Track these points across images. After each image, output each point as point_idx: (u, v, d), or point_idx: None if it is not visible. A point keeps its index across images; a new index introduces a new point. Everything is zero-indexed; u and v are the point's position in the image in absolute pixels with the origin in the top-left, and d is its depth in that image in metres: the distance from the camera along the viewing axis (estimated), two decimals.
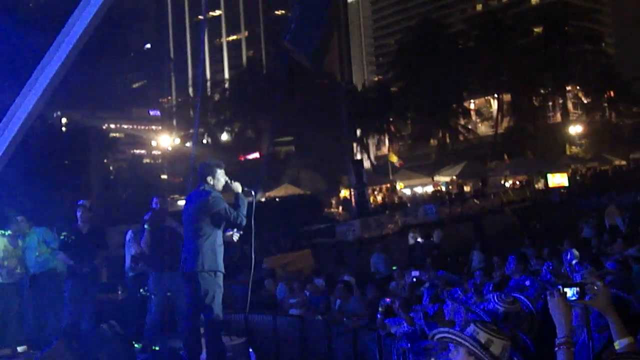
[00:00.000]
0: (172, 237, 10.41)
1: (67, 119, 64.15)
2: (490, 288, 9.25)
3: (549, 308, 4.00)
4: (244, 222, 8.32)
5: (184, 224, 8.65)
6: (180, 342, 10.83)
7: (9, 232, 12.15)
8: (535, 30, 70.84)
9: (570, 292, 4.04)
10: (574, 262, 8.10)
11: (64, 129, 62.82)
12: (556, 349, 3.85)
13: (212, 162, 8.64)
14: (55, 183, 35.45)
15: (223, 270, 8.29)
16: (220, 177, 8.41)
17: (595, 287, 4.10)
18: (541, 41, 67.39)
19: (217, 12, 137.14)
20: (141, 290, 12.33)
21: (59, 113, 60.74)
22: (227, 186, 8.46)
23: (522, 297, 5.32)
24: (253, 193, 8.62)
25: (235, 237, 8.61)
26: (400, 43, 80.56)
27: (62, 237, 11.66)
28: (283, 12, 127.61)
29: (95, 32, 6.98)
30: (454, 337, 3.96)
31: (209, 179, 8.35)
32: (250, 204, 8.44)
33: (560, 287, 4.05)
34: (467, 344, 3.80)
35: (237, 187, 8.44)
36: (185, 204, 8.83)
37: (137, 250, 12.22)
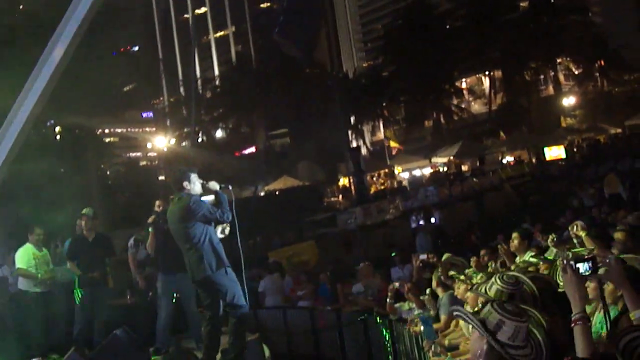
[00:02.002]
0: None
1: (61, 127, 63.94)
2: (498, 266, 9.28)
3: (563, 284, 3.99)
4: (230, 217, 8.37)
5: (173, 236, 8.71)
6: (193, 342, 10.89)
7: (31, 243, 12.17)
8: (522, 4, 70.68)
9: (582, 267, 4.03)
10: (581, 233, 8.07)
11: (58, 137, 62.61)
12: (572, 324, 3.83)
13: (184, 168, 8.83)
14: (55, 194, 35.42)
15: (229, 264, 8.34)
16: (195, 181, 8.46)
17: (607, 260, 4.10)
18: (528, 15, 67.20)
19: (203, 10, 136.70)
20: (150, 293, 12.36)
21: (52, 122, 60.49)
22: (204, 187, 8.51)
23: (523, 276, 5.33)
24: (230, 188, 8.70)
25: (226, 230, 8.68)
26: (387, 27, 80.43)
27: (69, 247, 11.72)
28: (268, 4, 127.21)
29: (83, 38, 7.00)
30: (462, 314, 3.94)
31: (185, 184, 8.40)
32: (230, 200, 8.46)
33: (573, 262, 4.03)
34: (472, 323, 3.77)
35: (214, 185, 8.52)
36: (169, 214, 8.83)
37: (144, 254, 12.27)
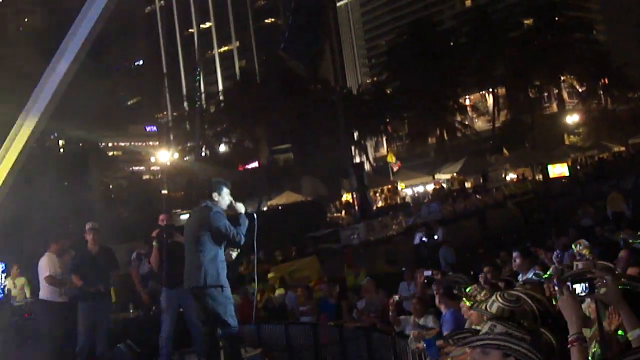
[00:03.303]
0: (182, 253, 10.37)
1: (65, 140, 64.10)
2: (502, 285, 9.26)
3: (559, 305, 4.00)
4: (243, 241, 8.29)
5: (185, 239, 8.67)
6: (195, 356, 10.87)
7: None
8: (526, 22, 70.86)
9: (579, 287, 4.03)
10: (584, 252, 8.11)
11: (62, 150, 62.80)
12: (569, 345, 3.84)
13: (220, 180, 8.62)
14: (58, 207, 35.43)
15: (227, 285, 8.26)
16: (225, 196, 8.39)
17: (604, 281, 4.11)
18: (532, 33, 67.40)
19: (207, 24, 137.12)
20: (153, 308, 12.36)
21: (56, 135, 60.61)
22: (230, 206, 8.43)
23: (524, 295, 5.32)
24: (255, 216, 8.56)
25: (233, 255, 8.58)
26: (391, 44, 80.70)
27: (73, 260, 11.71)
28: (272, 20, 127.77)
29: (88, 52, 7.01)
30: (497, 342, 3.76)
31: (215, 195, 8.33)
32: (252, 227, 8.42)
33: (569, 283, 4.05)
34: (515, 346, 3.68)
35: (241, 207, 8.45)
36: (187, 219, 8.85)
37: (146, 268, 12.27)
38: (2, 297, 9.96)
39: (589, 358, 4.10)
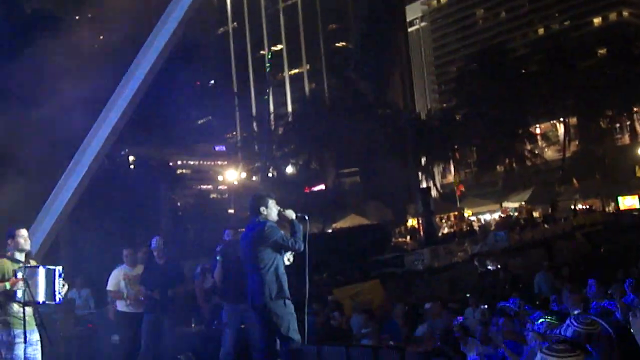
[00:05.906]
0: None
1: (135, 157, 64.88)
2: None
3: (632, 329, 3.90)
4: (302, 247, 8.24)
5: (242, 258, 8.66)
6: None
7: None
8: (599, 52, 70.06)
9: None
10: None
11: (132, 166, 63.61)
12: None
13: (263, 193, 8.75)
14: (126, 221, 35.91)
15: (289, 297, 8.19)
16: (273, 207, 8.37)
17: None
18: (605, 63, 66.57)
19: (279, 47, 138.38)
20: (215, 322, 12.38)
21: (126, 150, 61.37)
22: (280, 215, 8.42)
23: (599, 319, 5.20)
24: (307, 218, 8.50)
25: (290, 259, 8.54)
26: (462, 70, 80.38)
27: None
28: (343, 44, 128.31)
29: (160, 70, 7.09)
30: None
31: (262, 209, 8.33)
32: (304, 232, 8.36)
33: None
34: None
35: (291, 214, 8.39)
36: (242, 238, 8.83)
37: (210, 283, 12.32)
38: (61, 302, 9.91)
39: None
